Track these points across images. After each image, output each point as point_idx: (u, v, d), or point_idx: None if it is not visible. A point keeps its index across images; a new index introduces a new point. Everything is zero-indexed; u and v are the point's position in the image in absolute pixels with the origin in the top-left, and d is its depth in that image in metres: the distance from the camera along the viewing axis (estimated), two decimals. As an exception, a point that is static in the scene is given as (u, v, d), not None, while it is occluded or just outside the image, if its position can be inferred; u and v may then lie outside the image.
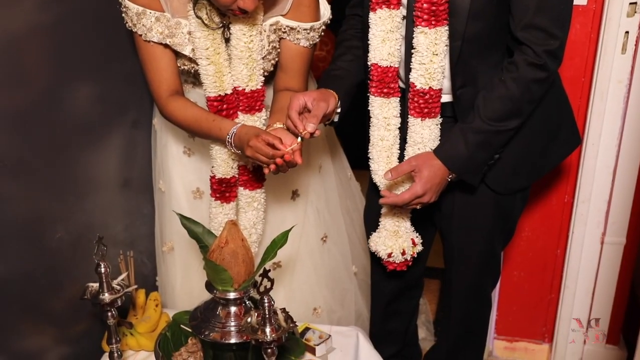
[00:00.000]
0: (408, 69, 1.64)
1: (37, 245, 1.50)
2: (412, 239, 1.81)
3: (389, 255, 1.79)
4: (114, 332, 1.56)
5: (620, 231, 2.23)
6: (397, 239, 1.79)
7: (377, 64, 1.68)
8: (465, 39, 1.56)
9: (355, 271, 2.16)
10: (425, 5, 1.54)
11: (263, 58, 1.73)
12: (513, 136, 1.62)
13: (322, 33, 1.76)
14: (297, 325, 1.68)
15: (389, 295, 2.05)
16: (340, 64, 1.78)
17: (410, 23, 1.62)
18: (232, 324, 1.57)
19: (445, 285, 1.98)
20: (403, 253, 1.79)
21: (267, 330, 1.37)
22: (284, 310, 1.43)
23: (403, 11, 1.63)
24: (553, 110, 1.73)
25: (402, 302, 2.09)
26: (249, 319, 1.41)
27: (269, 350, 1.40)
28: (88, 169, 1.71)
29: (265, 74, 1.78)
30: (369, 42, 1.67)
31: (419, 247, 1.82)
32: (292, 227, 1.65)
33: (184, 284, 2.02)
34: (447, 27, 1.56)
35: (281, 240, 1.59)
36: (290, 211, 1.97)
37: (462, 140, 1.59)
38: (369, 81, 1.72)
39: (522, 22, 1.50)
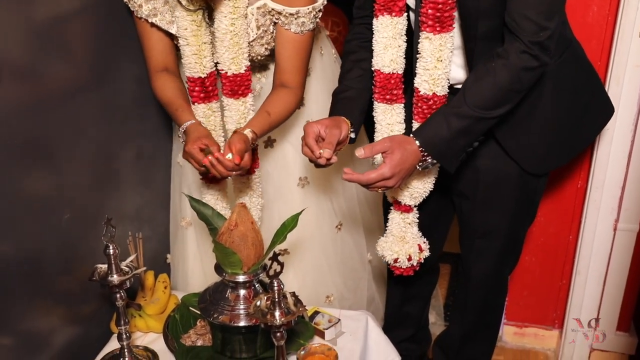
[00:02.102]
0: (414, 74, 1.62)
1: (46, 225, 1.49)
2: (418, 245, 1.79)
3: (395, 261, 1.78)
4: (123, 314, 1.56)
5: (633, 218, 2.20)
6: (403, 245, 1.78)
7: (380, 70, 1.65)
8: (478, 38, 1.54)
9: (370, 259, 2.14)
10: (430, 11, 1.52)
11: (253, 42, 1.70)
12: (495, 124, 1.59)
13: (316, 19, 1.70)
14: (306, 309, 1.67)
15: (406, 280, 2.04)
16: (348, 83, 1.74)
17: (416, 28, 1.60)
18: (241, 307, 1.57)
19: (463, 270, 1.97)
20: (409, 259, 1.77)
21: (277, 314, 1.36)
22: (293, 294, 1.42)
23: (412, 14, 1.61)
24: (582, 82, 1.72)
25: (420, 287, 2.08)
26: (258, 303, 1.40)
27: (278, 334, 1.39)
28: (103, 149, 1.71)
29: (259, 57, 1.76)
30: (373, 47, 1.65)
31: (426, 253, 1.81)
32: (302, 210, 1.63)
33: (196, 260, 2.02)
34: (452, 34, 1.55)
35: (291, 223, 1.58)
36: (299, 199, 1.95)
37: (445, 124, 1.55)
38: (373, 86, 1.69)
39: (513, 12, 1.47)
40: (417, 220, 1.79)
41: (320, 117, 1.90)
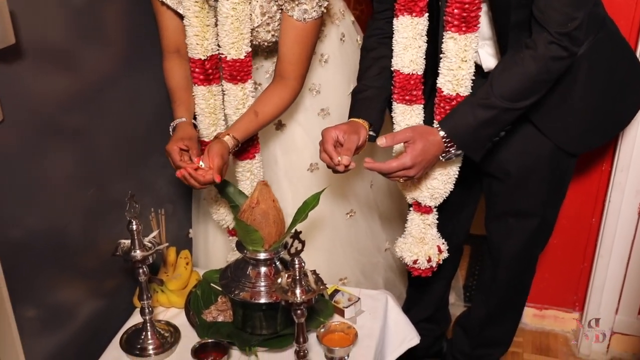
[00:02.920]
0: (436, 74, 1.60)
1: (71, 202, 1.51)
2: (438, 246, 1.78)
3: (415, 262, 1.77)
4: (145, 289, 1.58)
5: (659, 201, 2.17)
6: (422, 246, 1.77)
7: (399, 70, 1.63)
8: (510, 28, 1.51)
9: (387, 247, 2.14)
10: (456, 10, 1.49)
11: (258, 27, 1.69)
12: (521, 114, 1.57)
13: (321, 8, 1.64)
14: (327, 287, 1.68)
15: None
16: (366, 82, 1.72)
17: (440, 28, 1.57)
18: (262, 284, 1.58)
19: (490, 250, 1.96)
20: (429, 260, 1.77)
21: (298, 291, 1.37)
22: (314, 272, 1.42)
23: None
24: (618, 60, 1.70)
25: (443, 267, 2.08)
26: (279, 280, 1.41)
27: (299, 312, 1.40)
28: (128, 128, 1.73)
29: (265, 44, 1.74)
30: (392, 47, 1.63)
31: (445, 254, 1.80)
32: (324, 188, 1.64)
33: (217, 236, 2.04)
34: (477, 34, 1.52)
35: (313, 201, 1.58)
36: (309, 184, 1.93)
37: (471, 115, 1.53)
38: (392, 87, 1.67)
39: (540, 3, 1.44)
40: (437, 222, 1.78)
41: (338, 105, 1.90)
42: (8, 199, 1.30)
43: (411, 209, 1.78)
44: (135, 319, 1.71)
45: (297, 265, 1.36)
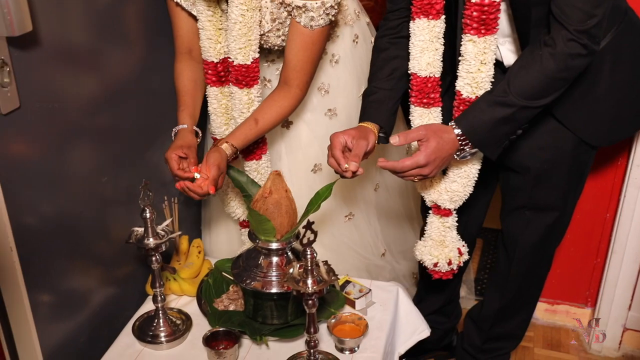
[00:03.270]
0: (455, 76, 1.59)
1: (85, 188, 1.52)
2: (458, 249, 1.77)
3: (435, 265, 1.77)
4: (158, 277, 1.59)
5: (674, 197, 2.15)
6: (443, 249, 1.76)
7: (416, 73, 1.62)
8: (531, 25, 1.50)
9: (383, 252, 2.14)
10: (475, 13, 1.48)
11: (268, 32, 1.69)
12: (539, 112, 1.55)
13: (329, 17, 1.63)
14: (338, 278, 1.68)
15: None
16: (377, 84, 1.71)
17: (459, 30, 1.56)
18: (274, 273, 1.58)
19: (505, 243, 1.95)
20: (449, 263, 1.76)
21: (309, 281, 1.37)
22: (326, 262, 1.43)
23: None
24: None
25: None
26: (291, 270, 1.41)
27: (310, 302, 1.40)
28: (143, 120, 1.74)
29: (275, 48, 1.75)
30: (409, 50, 1.62)
31: (465, 257, 1.79)
32: (336, 180, 1.63)
33: (220, 225, 2.05)
34: (496, 36, 1.51)
35: (325, 192, 1.58)
36: (311, 184, 1.93)
37: (488, 113, 1.51)
38: (409, 90, 1.66)
39: (559, 0, 1.41)
40: (457, 224, 1.77)
41: (346, 106, 1.90)
42: (23, 186, 1.31)
43: (430, 211, 1.78)
44: (148, 306, 1.73)
45: (309, 256, 1.37)
